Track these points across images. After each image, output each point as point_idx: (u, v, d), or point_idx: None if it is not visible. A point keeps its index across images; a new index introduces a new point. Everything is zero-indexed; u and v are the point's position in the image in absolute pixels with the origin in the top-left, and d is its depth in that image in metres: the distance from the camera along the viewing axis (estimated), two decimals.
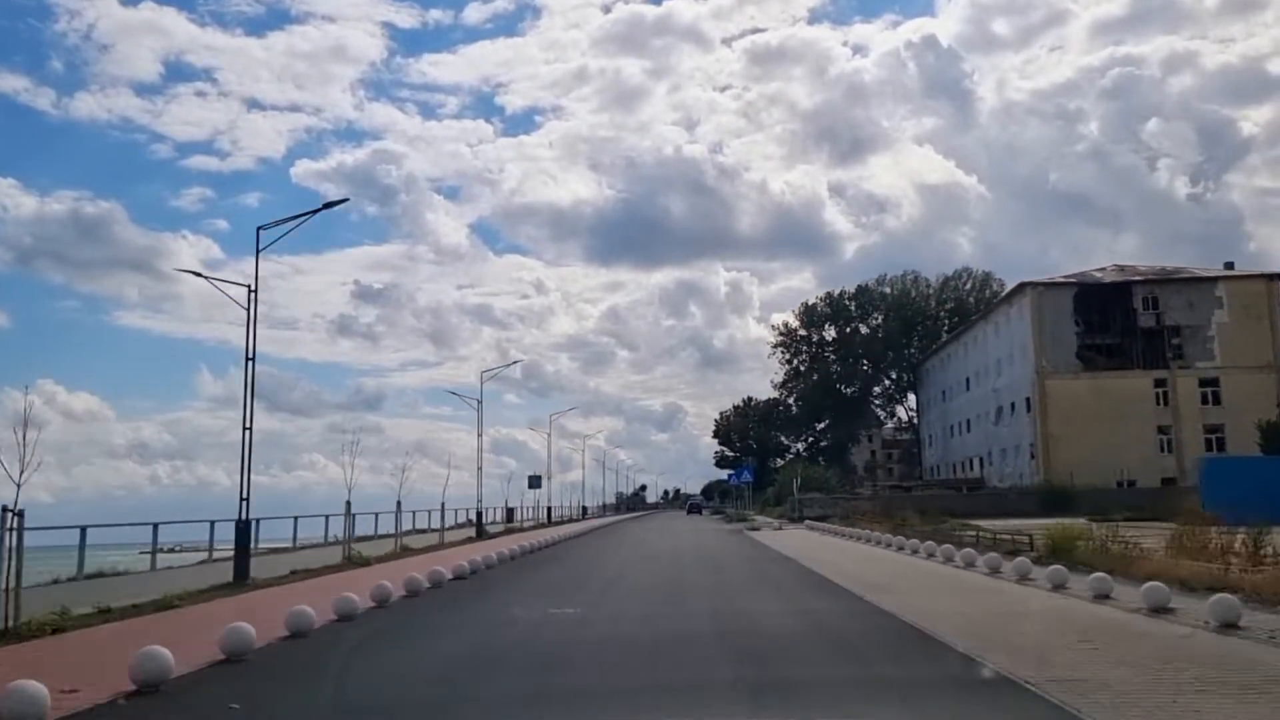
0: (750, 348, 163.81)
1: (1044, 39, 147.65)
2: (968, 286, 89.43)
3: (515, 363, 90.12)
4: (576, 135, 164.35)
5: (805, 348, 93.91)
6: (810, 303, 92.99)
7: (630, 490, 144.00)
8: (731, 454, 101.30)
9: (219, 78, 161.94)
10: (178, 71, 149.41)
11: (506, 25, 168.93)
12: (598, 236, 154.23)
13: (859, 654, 9.43)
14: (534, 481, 47.20)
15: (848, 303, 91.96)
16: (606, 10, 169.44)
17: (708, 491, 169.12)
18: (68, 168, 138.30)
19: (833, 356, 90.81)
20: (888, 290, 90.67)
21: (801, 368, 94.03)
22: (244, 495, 18.81)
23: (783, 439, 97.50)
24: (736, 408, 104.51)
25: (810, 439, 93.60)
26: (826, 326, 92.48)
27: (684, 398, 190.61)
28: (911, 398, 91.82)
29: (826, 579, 17.24)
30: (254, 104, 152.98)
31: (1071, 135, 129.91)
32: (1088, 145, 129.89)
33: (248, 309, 19.26)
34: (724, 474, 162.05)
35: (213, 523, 24.11)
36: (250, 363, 19.27)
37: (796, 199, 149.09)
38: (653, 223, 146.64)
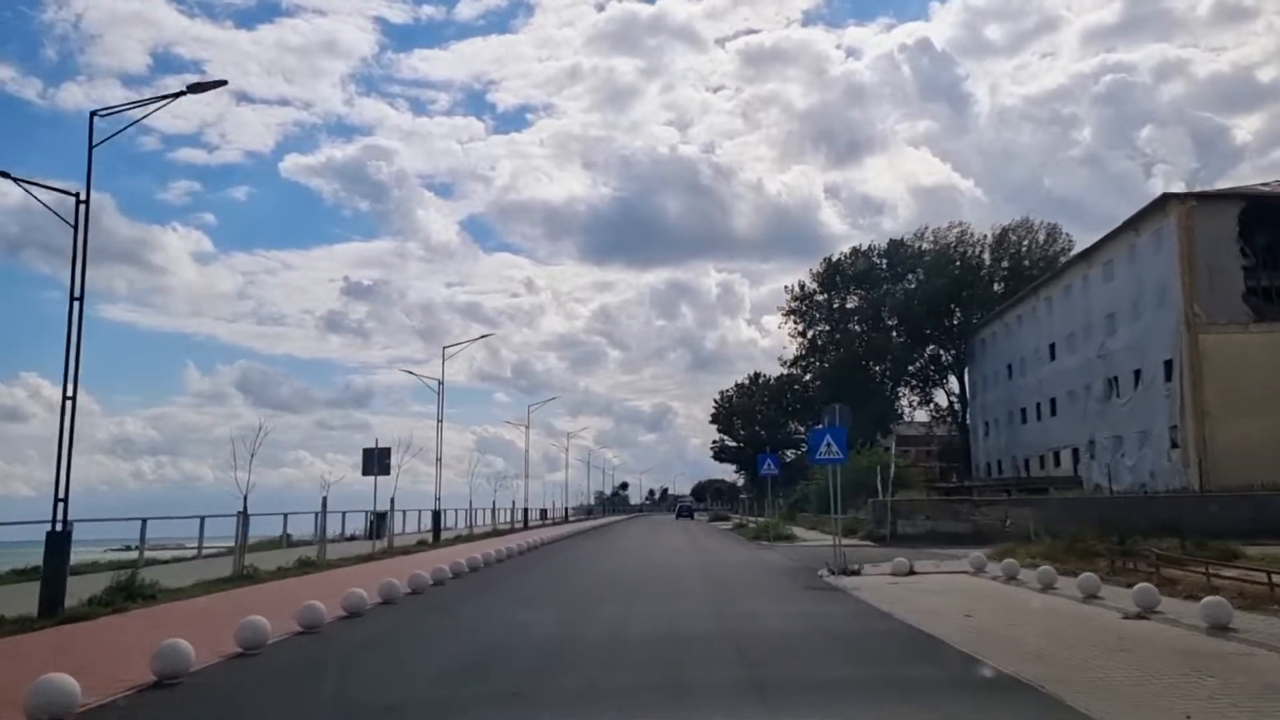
0: (741, 349, 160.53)
1: (1036, 45, 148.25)
2: (1026, 244, 72.36)
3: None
4: (568, 134, 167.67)
5: (821, 314, 76.64)
6: (834, 258, 75.63)
7: (610, 489, 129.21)
8: (733, 444, 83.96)
9: (208, 70, 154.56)
10: (166, 63, 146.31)
11: (499, 22, 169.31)
12: (588, 235, 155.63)
13: None
14: (374, 463, 27.10)
15: (878, 260, 74.72)
16: (600, 8, 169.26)
17: (698, 492, 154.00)
18: (53, 158, 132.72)
19: (859, 327, 73.36)
20: (928, 246, 73.49)
21: (819, 340, 76.76)
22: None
23: (797, 427, 79.69)
24: (741, 386, 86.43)
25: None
26: (851, 290, 75.26)
27: (673, 399, 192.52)
28: (954, 379, 74.82)
29: None
30: (243, 97, 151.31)
31: (1065, 140, 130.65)
32: (1082, 150, 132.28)
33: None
34: (722, 470, 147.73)
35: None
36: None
37: (790, 200, 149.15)
38: (645, 222, 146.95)
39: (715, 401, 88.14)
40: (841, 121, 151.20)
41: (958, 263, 70.81)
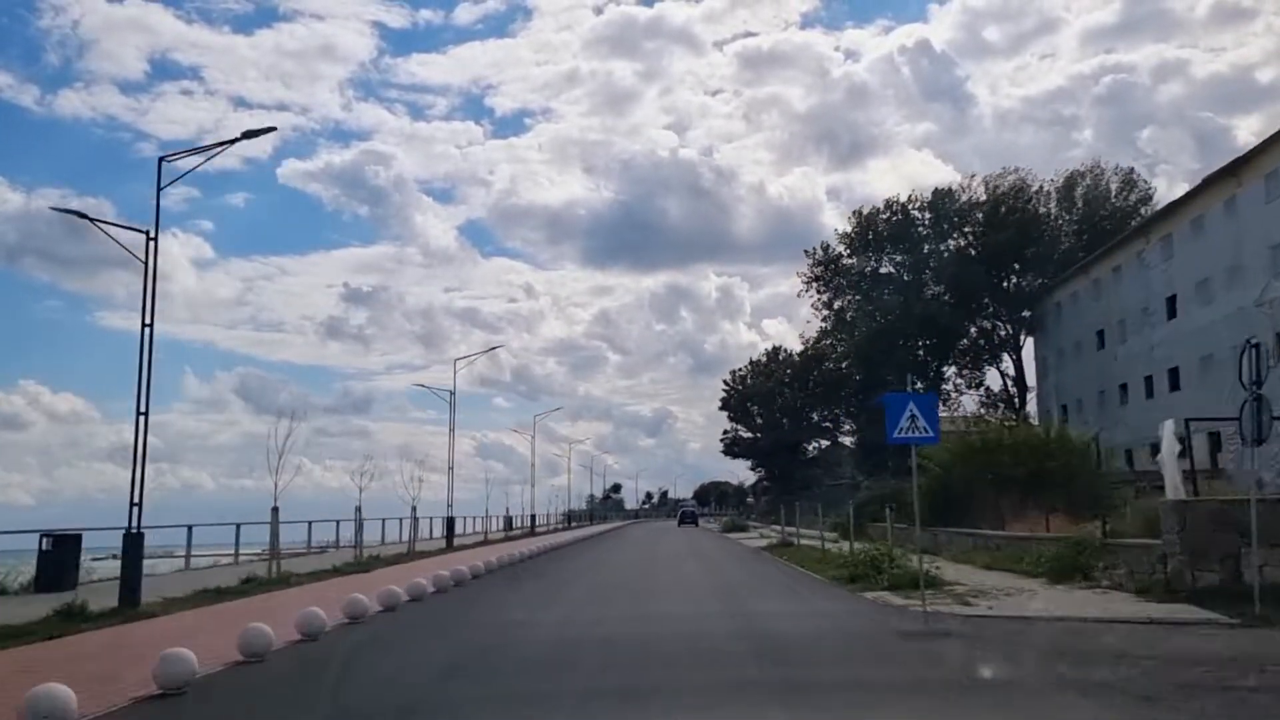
0: (741, 353, 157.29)
1: (1035, 46, 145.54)
2: (1099, 190, 59.84)
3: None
4: (566, 138, 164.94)
5: (850, 281, 63.99)
6: (864, 211, 62.78)
7: (602, 492, 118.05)
8: (748, 434, 70.86)
9: (205, 76, 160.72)
10: (164, 69, 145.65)
11: (497, 26, 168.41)
12: (588, 240, 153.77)
13: None
14: None
15: (918, 214, 62.07)
16: (598, 12, 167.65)
17: (701, 496, 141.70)
18: (51, 166, 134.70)
19: (897, 295, 60.55)
20: (980, 197, 60.85)
21: (848, 312, 64.03)
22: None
23: (829, 413, 66.46)
24: (756, 363, 72.95)
25: (863, 417, 62.39)
26: (887, 251, 62.61)
27: (673, 403, 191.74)
28: (1009, 360, 62.27)
29: None
30: (240, 103, 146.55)
31: (1066, 141, 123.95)
32: (1084, 151, 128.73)
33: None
34: (732, 470, 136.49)
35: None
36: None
37: (792, 203, 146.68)
38: (645, 226, 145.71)
39: (726, 384, 74.53)
40: (842, 124, 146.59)
41: (1016, 215, 58.14)
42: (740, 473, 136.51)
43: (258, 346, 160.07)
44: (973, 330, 61.70)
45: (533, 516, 58.13)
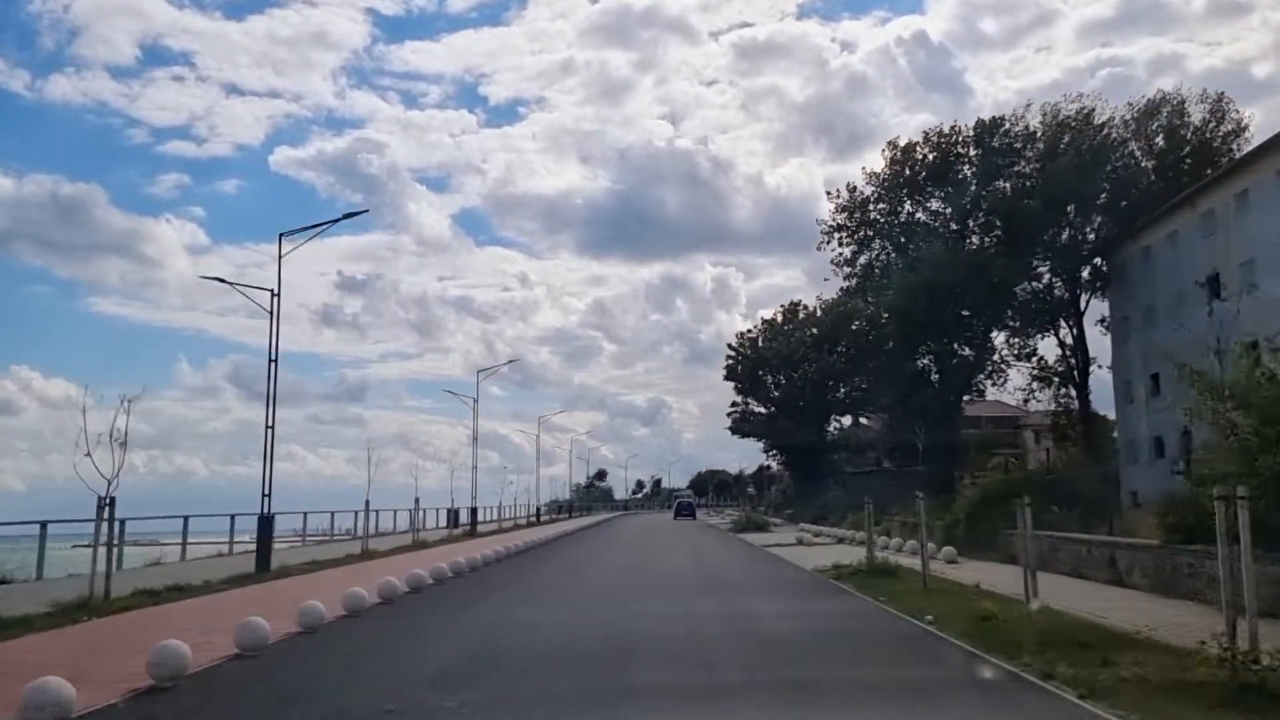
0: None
1: (1032, 39, 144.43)
2: (1184, 118, 49.46)
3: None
4: (561, 127, 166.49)
5: (879, 231, 53.75)
6: (900, 143, 52.32)
7: (585, 479, 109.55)
8: (758, 407, 59.65)
9: (197, 62, 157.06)
10: (155, 55, 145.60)
11: (491, 14, 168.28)
12: (584, 229, 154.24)
13: None
14: None
15: (962, 149, 51.64)
16: (593, 1, 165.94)
17: (699, 486, 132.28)
18: (41, 152, 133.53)
19: (937, 243, 50.12)
20: (1036, 126, 50.44)
21: (877, 267, 53.73)
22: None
23: (850, 389, 55.98)
24: (771, 323, 60.55)
25: (901, 388, 51.66)
26: (925, 192, 52.28)
27: (667, 393, 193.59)
28: (1069, 322, 52.05)
29: None
30: (233, 89, 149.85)
31: None
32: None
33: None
34: (726, 459, 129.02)
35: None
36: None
37: (789, 193, 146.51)
38: (641, 216, 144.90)
39: (732, 347, 61.74)
40: (840, 114, 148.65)
41: (1084, 148, 47.71)
42: (741, 460, 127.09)
43: (250, 334, 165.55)
44: (1027, 290, 51.37)
45: (473, 511, 48.16)
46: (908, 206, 53.87)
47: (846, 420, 61.36)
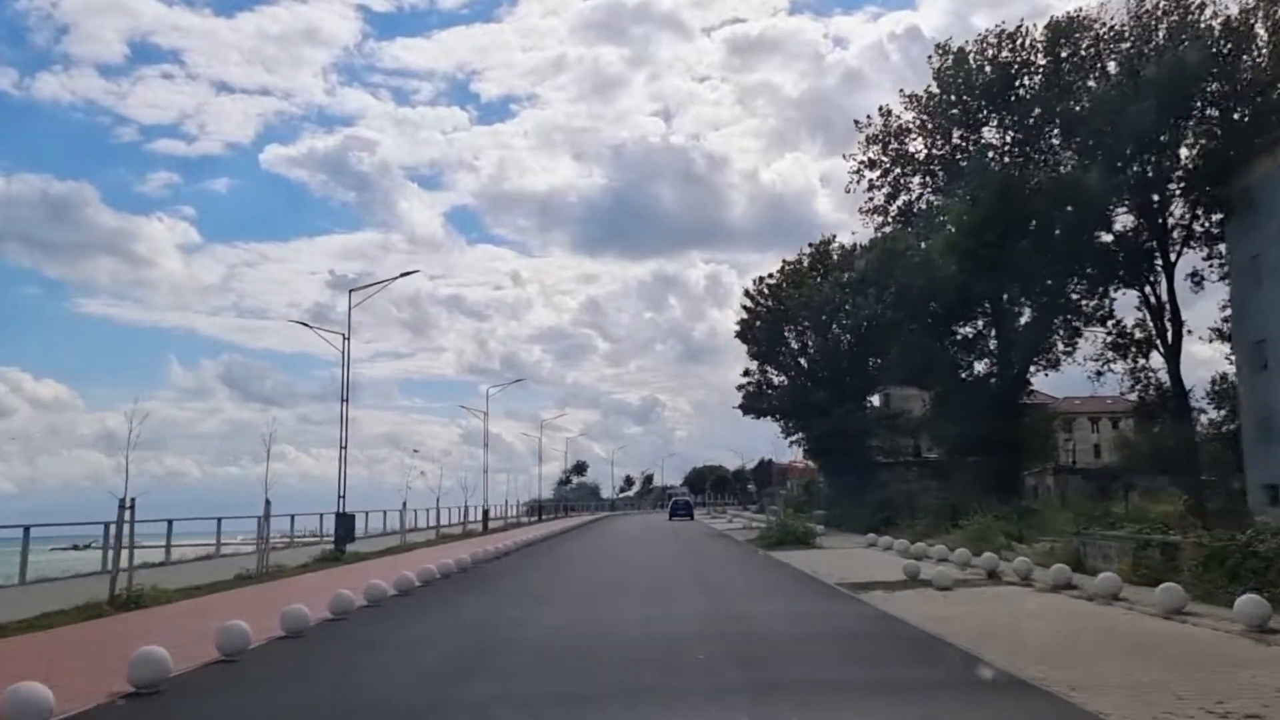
0: (730, 341, 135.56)
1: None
2: None
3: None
4: (552, 124, 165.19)
5: (919, 168, 43.29)
6: (950, 46, 41.40)
7: (563, 473, 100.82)
8: (777, 375, 47.72)
9: (186, 59, 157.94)
10: (144, 53, 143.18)
11: (483, 11, 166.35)
12: (577, 227, 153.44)
13: None
14: None
15: (1030, 57, 41.11)
16: None
17: (694, 483, 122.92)
18: (29, 151, 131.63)
19: (1009, 168, 39.46)
20: (1121, 24, 39.84)
21: (919, 208, 43.19)
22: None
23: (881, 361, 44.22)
24: (792, 265, 47.53)
25: (952, 356, 40.62)
26: (982, 113, 41.75)
27: (661, 391, 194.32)
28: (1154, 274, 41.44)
29: None
30: (222, 87, 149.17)
31: None
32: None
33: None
34: (738, 447, 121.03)
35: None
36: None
37: (784, 189, 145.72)
38: (635, 214, 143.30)
39: (749, 294, 48.21)
40: (834, 110, 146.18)
41: (1185, 42, 37.18)
42: (747, 451, 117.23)
43: (241, 334, 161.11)
44: (1113, 231, 40.80)
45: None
46: (955, 137, 43.35)
47: (876, 399, 50.75)
